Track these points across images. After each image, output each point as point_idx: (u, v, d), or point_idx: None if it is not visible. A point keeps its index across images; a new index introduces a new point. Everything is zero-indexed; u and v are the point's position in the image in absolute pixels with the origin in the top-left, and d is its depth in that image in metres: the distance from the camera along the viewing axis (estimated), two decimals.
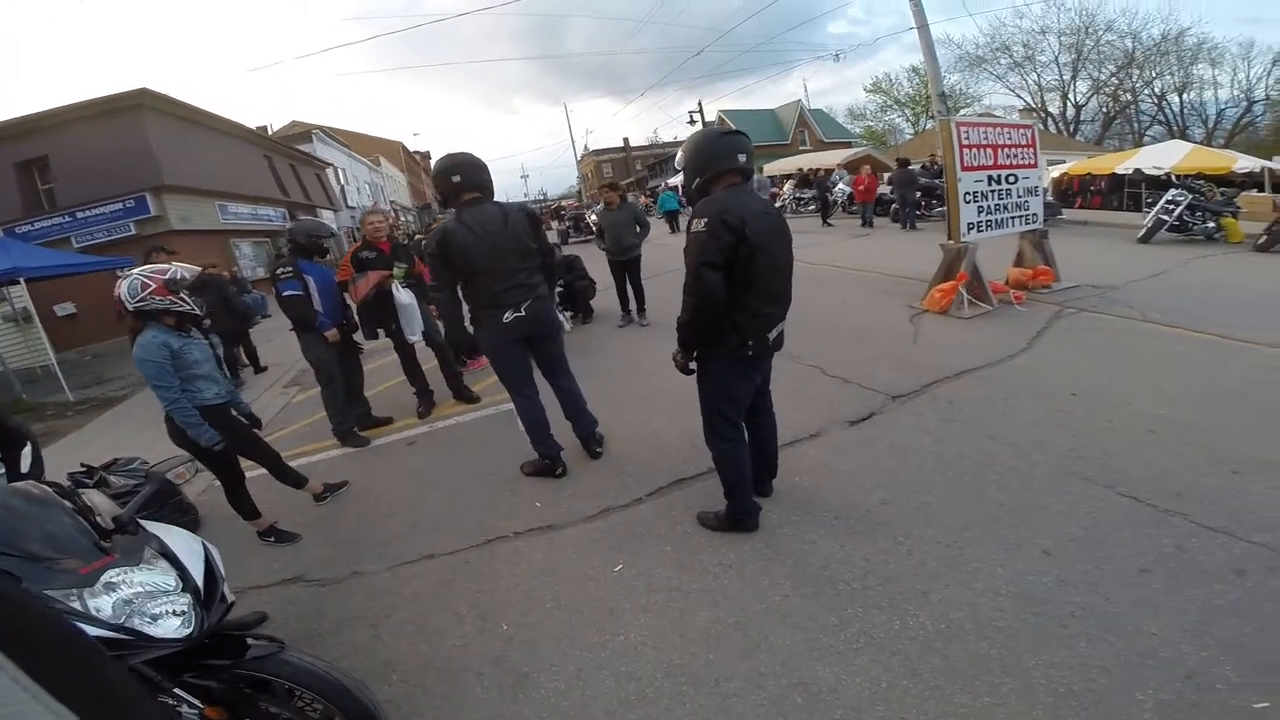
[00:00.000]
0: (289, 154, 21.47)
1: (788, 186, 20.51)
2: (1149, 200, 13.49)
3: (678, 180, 32.52)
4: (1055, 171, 18.06)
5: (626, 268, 6.41)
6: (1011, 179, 5.99)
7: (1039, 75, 38.74)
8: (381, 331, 4.47)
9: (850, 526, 2.45)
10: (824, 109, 41.91)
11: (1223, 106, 35.45)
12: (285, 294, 3.95)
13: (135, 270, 2.77)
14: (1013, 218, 6.09)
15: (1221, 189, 13.46)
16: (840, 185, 17.20)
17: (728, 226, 2.12)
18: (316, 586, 2.70)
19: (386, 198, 36.10)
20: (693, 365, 2.37)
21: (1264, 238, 8.80)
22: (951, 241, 5.77)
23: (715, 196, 2.22)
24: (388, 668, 2.13)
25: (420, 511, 3.18)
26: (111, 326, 9.38)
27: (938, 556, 2.21)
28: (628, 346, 5.63)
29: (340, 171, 27.90)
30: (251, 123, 20.51)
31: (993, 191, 5.91)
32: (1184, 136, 33.56)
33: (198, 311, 2.82)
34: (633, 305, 6.58)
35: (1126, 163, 16.95)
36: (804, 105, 38.85)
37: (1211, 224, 9.62)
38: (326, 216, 23.38)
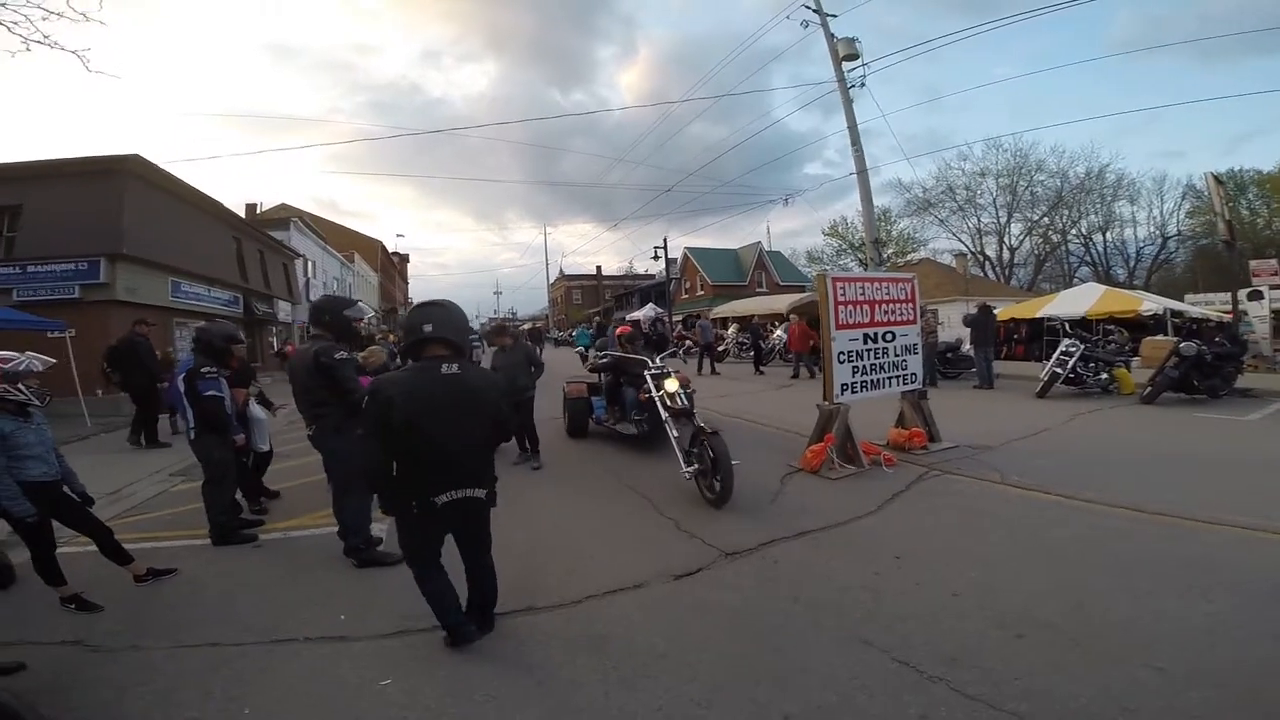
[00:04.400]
0: (260, 239, 21.87)
1: (731, 330, 21.64)
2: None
3: (639, 314, 34.09)
4: None
5: (518, 409, 6.30)
6: (889, 336, 6.14)
7: (979, 218, 42.41)
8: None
9: (622, 676, 2.55)
10: (784, 252, 45.05)
11: (1141, 245, 38.91)
12: (206, 394, 4.17)
13: None
14: (889, 378, 6.17)
15: (1132, 332, 14.61)
16: (778, 333, 18.14)
17: (376, 401, 2.56)
18: (90, 652, 2.91)
19: (352, 296, 37.07)
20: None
21: (1149, 389, 9.33)
22: (826, 402, 5.83)
23: (392, 372, 2.69)
24: None
25: (227, 606, 3.38)
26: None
27: (684, 712, 2.30)
28: (504, 482, 5.76)
29: (310, 264, 28.37)
30: (243, 198, 21.10)
31: (869, 350, 6.00)
32: (1108, 277, 36.35)
33: (35, 401, 3.30)
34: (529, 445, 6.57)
35: (1046, 308, 17.81)
36: (763, 247, 41.58)
37: (1105, 375, 10.14)
38: (284, 308, 23.58)
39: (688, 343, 18.69)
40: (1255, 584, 3.14)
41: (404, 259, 61.81)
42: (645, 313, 33.49)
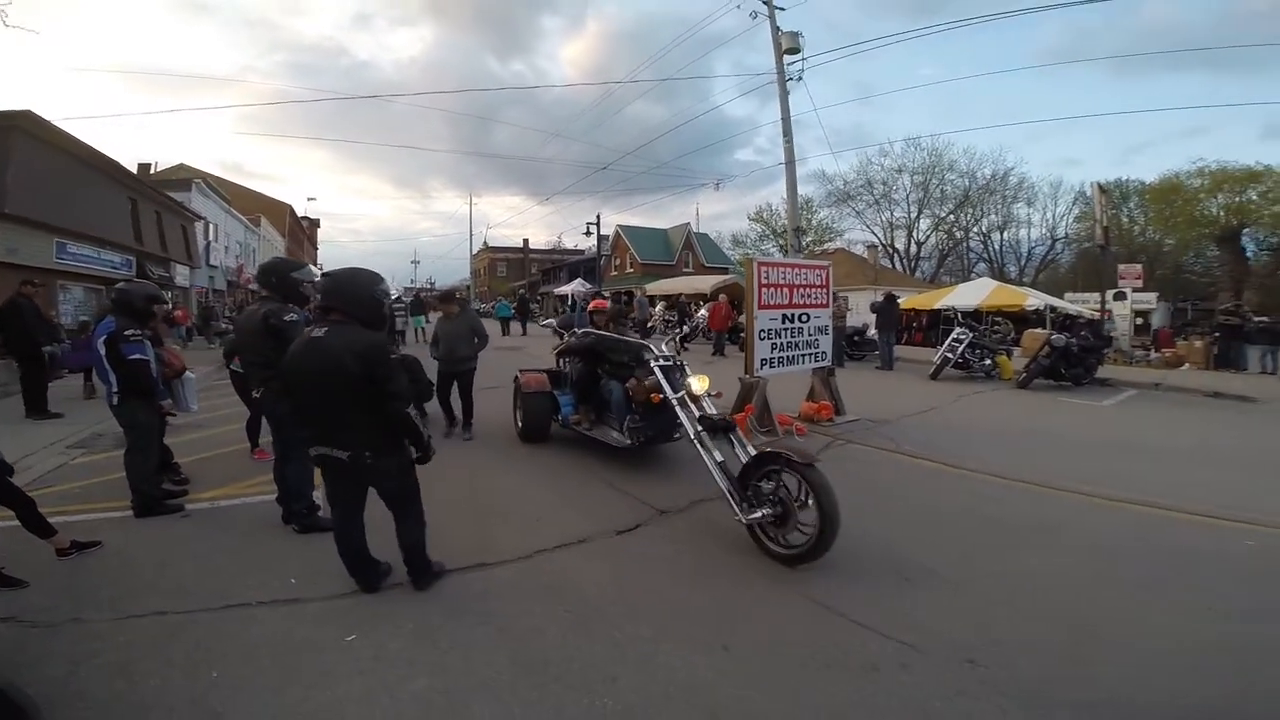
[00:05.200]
0: (159, 200, 20.45)
1: (659, 308, 22.19)
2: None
3: (568, 288, 34.31)
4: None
5: (458, 379, 6.36)
6: (804, 318, 6.68)
7: (892, 212, 44.83)
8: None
9: (577, 621, 2.82)
10: (711, 234, 45.98)
11: (1033, 245, 42.32)
12: (133, 357, 4.00)
13: None
14: (803, 355, 6.74)
15: (1017, 324, 16.16)
16: (702, 312, 18.78)
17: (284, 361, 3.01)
18: (28, 627, 2.79)
19: (256, 261, 35.27)
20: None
21: (1024, 375, 10.46)
22: (747, 375, 6.35)
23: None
24: (76, 697, 2.29)
25: (164, 576, 3.31)
26: None
27: (637, 649, 2.59)
28: (442, 453, 5.65)
29: (212, 227, 26.85)
30: (143, 158, 19.47)
31: (786, 329, 6.50)
32: (1001, 273, 39.32)
33: None
34: (460, 417, 6.49)
35: (944, 299, 19.41)
36: (692, 229, 42.36)
37: (989, 361, 11.26)
38: (181, 272, 22.34)
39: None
40: (1095, 542, 3.82)
41: (314, 224, 58.47)
42: (574, 287, 33.65)
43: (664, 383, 4.37)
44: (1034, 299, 18.80)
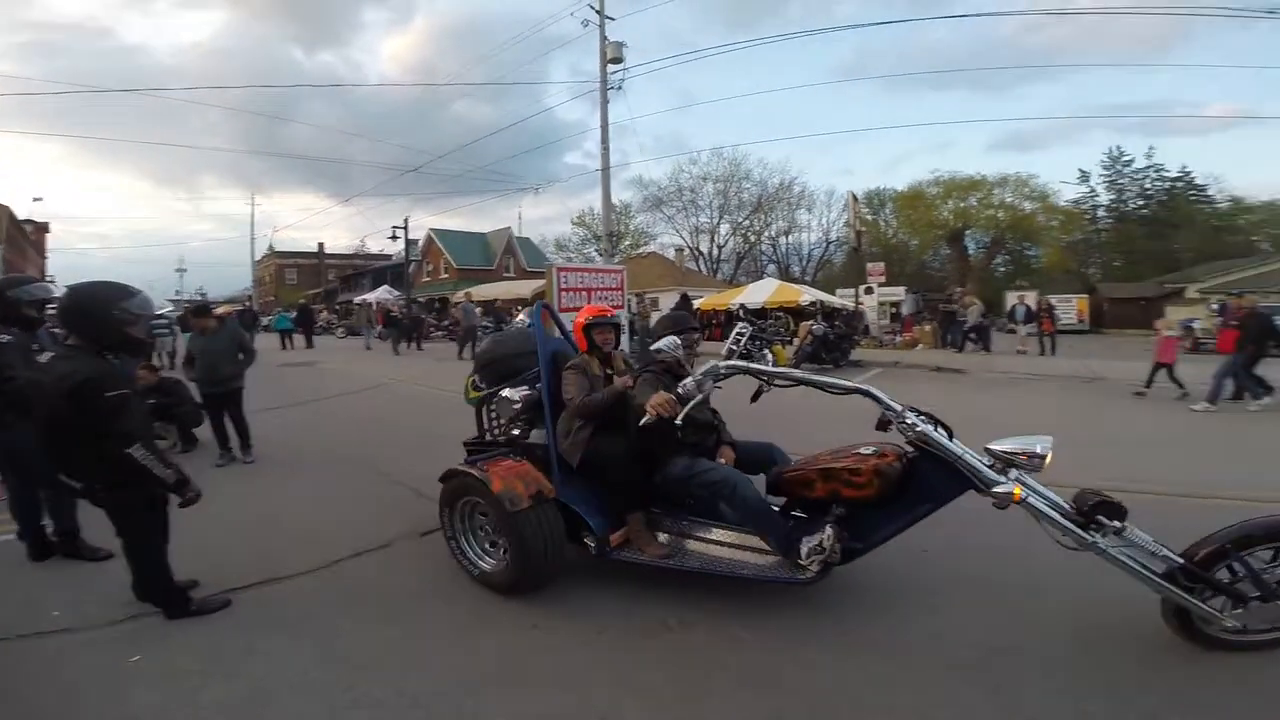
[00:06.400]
0: None
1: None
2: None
3: (372, 296, 32.63)
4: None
5: (224, 401, 5.85)
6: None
7: (698, 217, 48.35)
8: None
9: (382, 615, 2.99)
10: (535, 238, 46.23)
11: (812, 247, 48.24)
12: None
13: None
14: None
15: (796, 318, 18.62)
16: (520, 317, 19.13)
17: None
18: None
19: None
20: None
21: (792, 361, 12.14)
22: None
23: None
24: None
25: None
26: None
27: (450, 637, 2.80)
28: (221, 477, 5.42)
29: None
30: None
31: None
32: (787, 273, 44.37)
33: None
34: (235, 442, 5.97)
35: (737, 298, 21.72)
36: (513, 233, 42.23)
37: (766, 351, 13.17)
38: None
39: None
40: None
41: (42, 228, 48.82)
42: (379, 295, 31.97)
43: (973, 462, 2.49)
44: (808, 295, 21.71)
